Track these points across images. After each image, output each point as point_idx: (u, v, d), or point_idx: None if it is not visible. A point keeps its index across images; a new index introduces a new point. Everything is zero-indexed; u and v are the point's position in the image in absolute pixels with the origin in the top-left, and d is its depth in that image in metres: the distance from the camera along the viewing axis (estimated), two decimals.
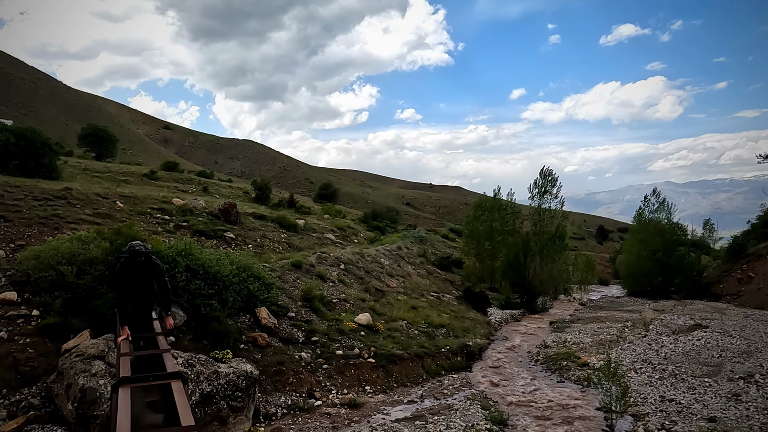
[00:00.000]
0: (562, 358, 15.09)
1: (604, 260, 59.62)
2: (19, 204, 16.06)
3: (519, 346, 17.84)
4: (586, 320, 22.50)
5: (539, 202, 30.15)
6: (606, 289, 42.26)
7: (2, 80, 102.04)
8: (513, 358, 16.12)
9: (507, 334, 19.90)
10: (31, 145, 24.93)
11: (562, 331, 19.71)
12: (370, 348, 13.43)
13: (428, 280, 25.25)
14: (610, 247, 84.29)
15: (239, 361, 10.10)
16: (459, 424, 9.88)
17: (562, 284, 32.51)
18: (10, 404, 8.60)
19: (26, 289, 10.77)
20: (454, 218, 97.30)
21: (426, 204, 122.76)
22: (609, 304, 30.07)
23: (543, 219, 29.69)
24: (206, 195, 30.16)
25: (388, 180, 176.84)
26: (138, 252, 6.47)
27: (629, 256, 36.39)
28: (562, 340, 17.64)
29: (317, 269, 17.81)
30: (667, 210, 35.23)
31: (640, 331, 18.80)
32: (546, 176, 30.39)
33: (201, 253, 12.39)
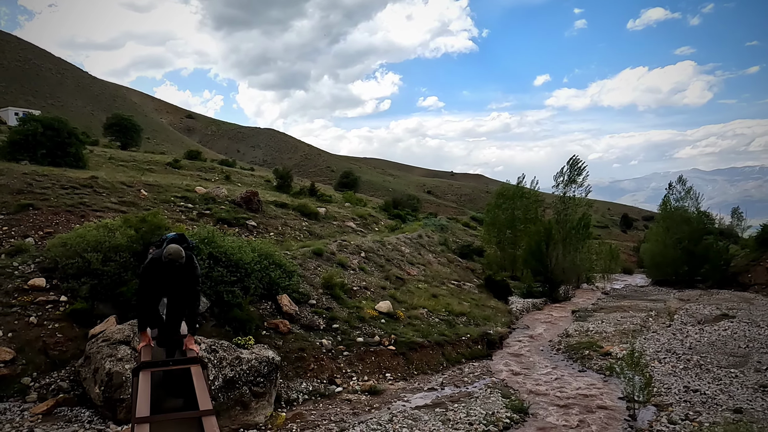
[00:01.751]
0: (584, 347, 14.97)
1: (628, 249, 58.80)
2: (47, 192, 16.40)
3: (540, 335, 17.73)
4: (609, 309, 22.25)
5: (564, 191, 29.86)
6: (630, 279, 41.68)
7: (30, 71, 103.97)
8: (534, 346, 16.03)
9: (528, 322, 19.80)
10: (58, 135, 25.39)
11: (585, 320, 19.53)
12: (391, 335, 13.47)
13: (449, 268, 25.19)
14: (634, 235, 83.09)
15: (261, 348, 10.22)
16: (479, 412, 9.88)
17: (584, 273, 32.16)
18: (40, 387, 8.85)
19: (54, 275, 11.03)
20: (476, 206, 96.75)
21: (447, 192, 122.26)
22: (633, 294, 29.68)
23: (567, 207, 29.39)
24: (228, 183, 30.44)
25: (409, 168, 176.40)
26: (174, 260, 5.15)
27: (654, 245, 35.81)
28: (585, 329, 17.49)
29: (338, 257, 17.88)
30: (694, 198, 34.55)
31: (664, 320, 18.54)
32: (573, 165, 30.05)
33: (223, 240, 12.53)
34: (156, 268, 5.31)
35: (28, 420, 7.91)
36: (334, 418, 9.48)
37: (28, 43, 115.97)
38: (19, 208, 14.91)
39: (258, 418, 9.19)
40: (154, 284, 5.37)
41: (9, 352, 9.02)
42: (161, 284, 5.38)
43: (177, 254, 5.16)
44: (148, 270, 5.42)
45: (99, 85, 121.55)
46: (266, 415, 9.33)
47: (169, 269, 5.18)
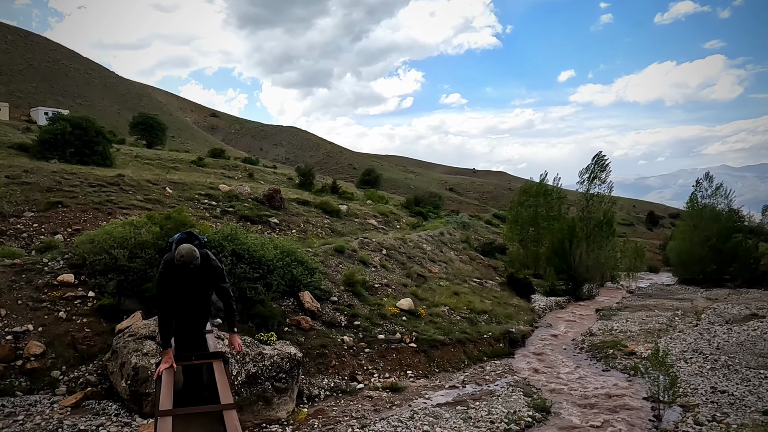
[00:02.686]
0: (608, 346, 14.78)
1: (654, 247, 57.81)
2: (75, 190, 16.77)
3: (563, 333, 17.56)
4: (634, 308, 21.92)
5: (587, 187, 29.53)
6: (656, 277, 41.00)
7: (59, 71, 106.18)
8: (557, 345, 15.88)
9: (551, 321, 19.62)
10: (86, 134, 25.92)
11: (609, 318, 19.28)
12: (412, 333, 13.47)
13: (471, 266, 25.09)
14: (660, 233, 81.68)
15: (283, 344, 10.31)
16: (501, 410, 9.83)
17: (609, 271, 31.72)
18: (69, 380, 9.07)
19: (82, 271, 11.28)
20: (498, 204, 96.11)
21: (469, 189, 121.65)
22: (658, 292, 29.20)
23: (590, 204, 29.05)
24: (251, 181, 30.74)
25: (431, 165, 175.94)
26: (188, 262, 4.58)
27: (681, 243, 35.15)
28: (609, 328, 17.26)
29: (360, 254, 17.94)
30: (723, 195, 33.84)
31: (691, 320, 18.21)
32: (598, 161, 29.71)
33: (246, 237, 12.67)
34: (171, 274, 4.71)
35: (57, 412, 8.11)
36: (355, 415, 9.52)
37: (57, 43, 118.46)
38: (49, 205, 15.28)
39: (280, 413, 9.28)
40: (173, 292, 4.75)
41: (39, 346, 9.27)
42: (182, 292, 4.77)
43: (190, 255, 4.54)
44: (162, 278, 4.80)
45: (125, 84, 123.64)
46: (288, 411, 9.42)
47: (185, 273, 4.59)
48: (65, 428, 7.50)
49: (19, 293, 10.30)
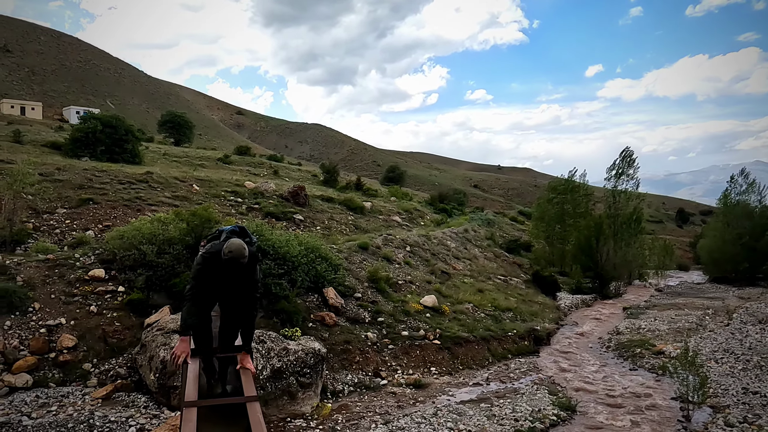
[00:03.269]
0: (636, 345, 14.55)
1: (684, 245, 56.69)
2: (105, 187, 17.15)
3: (590, 332, 17.34)
4: (663, 307, 21.52)
5: (614, 184, 29.09)
6: (685, 275, 40.21)
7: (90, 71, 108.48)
8: (583, 343, 15.70)
9: (577, 319, 19.39)
10: (116, 132, 26.46)
11: (637, 317, 18.97)
12: (436, 330, 13.45)
13: (495, 263, 24.92)
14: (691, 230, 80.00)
15: (308, 339, 10.40)
16: (525, 408, 9.76)
17: (637, 269, 31.23)
18: (100, 373, 9.30)
19: (113, 266, 11.53)
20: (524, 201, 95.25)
21: (494, 186, 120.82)
22: (688, 291, 28.60)
23: (618, 201, 28.62)
24: (276, 178, 31.02)
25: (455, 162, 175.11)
26: (236, 258, 4.25)
27: (712, 241, 34.39)
28: (636, 327, 16.99)
29: (383, 251, 17.97)
30: (757, 191, 32.99)
31: (722, 319, 17.80)
32: (625, 157, 29.25)
33: (271, 234, 12.79)
34: (212, 265, 4.42)
35: (89, 404, 8.32)
36: (379, 411, 9.56)
37: (88, 44, 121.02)
38: (81, 202, 15.66)
39: (304, 408, 9.37)
40: (209, 285, 4.48)
41: (72, 339, 9.52)
42: (216, 286, 4.49)
43: (239, 251, 4.22)
44: (203, 267, 4.50)
45: (154, 83, 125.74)
46: (312, 406, 9.51)
47: (228, 269, 4.29)
48: (96, 419, 7.69)
49: (53, 288, 10.58)
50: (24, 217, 13.89)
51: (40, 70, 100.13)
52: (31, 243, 13.04)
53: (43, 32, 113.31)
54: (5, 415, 7.62)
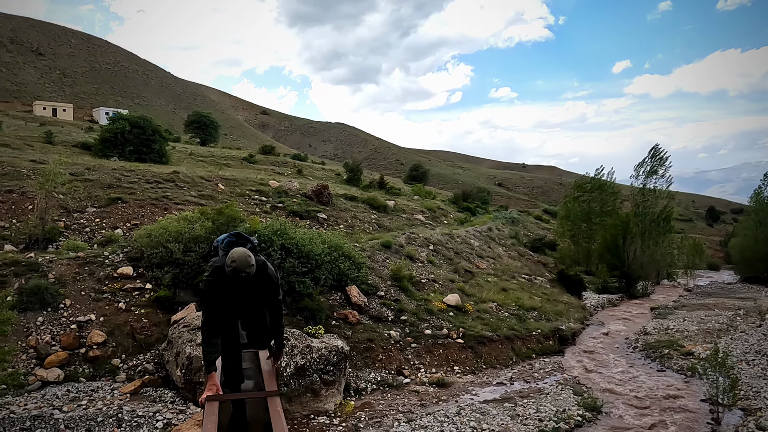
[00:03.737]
0: (664, 345, 14.27)
1: (715, 244, 55.45)
2: (133, 187, 17.48)
3: (616, 332, 17.07)
4: (692, 307, 21.07)
5: (644, 182, 28.57)
6: (716, 275, 39.31)
7: (119, 73, 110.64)
8: (609, 344, 15.46)
9: (603, 319, 19.10)
10: (144, 132, 26.94)
11: (665, 317, 18.61)
12: (459, 329, 13.40)
13: (519, 262, 24.71)
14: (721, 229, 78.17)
15: (331, 337, 10.46)
16: (549, 408, 9.67)
17: (665, 268, 30.63)
18: (128, 368, 9.49)
19: (140, 264, 11.76)
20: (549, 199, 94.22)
21: (518, 184, 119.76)
22: (719, 291, 27.96)
23: (646, 199, 28.10)
24: (300, 177, 31.24)
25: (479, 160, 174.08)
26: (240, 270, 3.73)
27: (744, 239, 33.55)
28: (664, 327, 16.67)
29: (406, 249, 17.96)
30: None
31: (754, 320, 17.36)
32: (655, 155, 28.68)
33: (295, 232, 12.88)
34: (220, 284, 3.90)
35: (117, 398, 8.50)
36: (401, 409, 9.57)
37: (117, 46, 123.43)
38: (110, 201, 16.00)
39: (328, 405, 9.43)
40: (222, 304, 3.96)
41: (101, 335, 9.74)
42: (232, 306, 4.01)
43: (243, 261, 3.73)
44: (209, 289, 4.02)
45: (181, 84, 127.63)
46: (336, 403, 9.56)
47: (238, 283, 3.80)
48: (125, 414, 7.86)
49: (83, 284, 10.84)
50: (55, 215, 14.25)
51: (71, 73, 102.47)
52: (62, 241, 13.38)
53: (73, 35, 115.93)
54: (38, 408, 7.83)
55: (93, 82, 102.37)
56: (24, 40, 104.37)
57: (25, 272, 10.63)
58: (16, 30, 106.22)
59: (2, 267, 10.66)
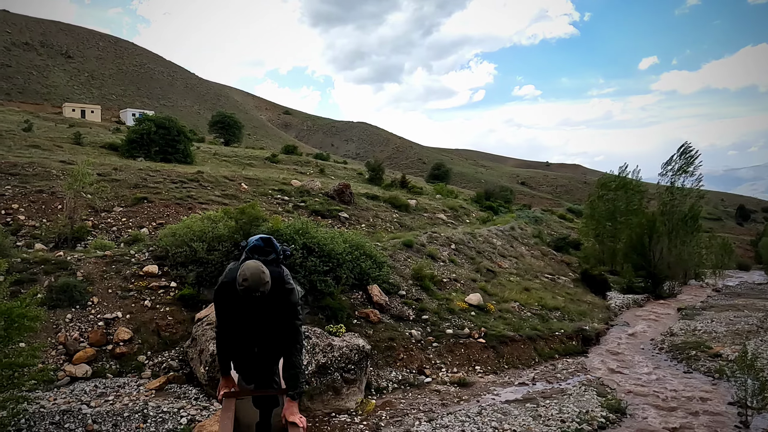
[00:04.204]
0: (691, 347, 14.00)
1: (745, 243, 54.22)
2: (159, 186, 17.78)
3: (641, 332, 16.81)
4: (721, 308, 20.63)
5: (672, 180, 28.07)
6: (746, 275, 38.44)
7: (145, 75, 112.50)
8: (634, 344, 15.23)
9: (628, 319, 18.82)
10: (169, 133, 27.37)
11: (692, 318, 18.26)
12: (481, 328, 13.33)
13: (542, 261, 24.48)
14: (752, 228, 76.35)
15: (352, 336, 10.50)
16: (572, 409, 9.56)
17: (693, 268, 30.07)
18: (153, 365, 9.66)
19: (165, 262, 11.96)
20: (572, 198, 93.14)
21: (542, 183, 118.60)
22: (749, 291, 27.33)
23: (674, 198, 27.60)
24: (322, 176, 31.39)
25: (502, 159, 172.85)
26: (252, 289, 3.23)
27: None
28: (691, 328, 16.36)
29: (428, 249, 17.93)
30: None
31: None
32: (684, 153, 28.16)
33: (316, 231, 12.96)
34: (230, 298, 3.45)
35: (143, 394, 8.66)
36: (423, 408, 9.56)
37: (143, 48, 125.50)
38: (136, 201, 16.30)
39: (349, 403, 9.47)
40: (232, 318, 3.56)
41: (127, 332, 9.93)
42: (242, 318, 3.53)
43: (256, 279, 3.23)
44: (219, 302, 3.61)
45: (205, 85, 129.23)
46: (357, 402, 9.59)
47: (250, 301, 3.31)
48: (150, 410, 8.00)
49: (110, 283, 11.06)
50: (84, 215, 14.57)
51: (99, 75, 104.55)
52: (90, 240, 13.68)
53: (101, 38, 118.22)
54: (67, 403, 8.02)
55: (120, 84, 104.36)
56: (54, 44, 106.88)
57: (55, 270, 10.89)
58: (47, 34, 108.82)
59: (33, 265, 10.94)
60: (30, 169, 17.51)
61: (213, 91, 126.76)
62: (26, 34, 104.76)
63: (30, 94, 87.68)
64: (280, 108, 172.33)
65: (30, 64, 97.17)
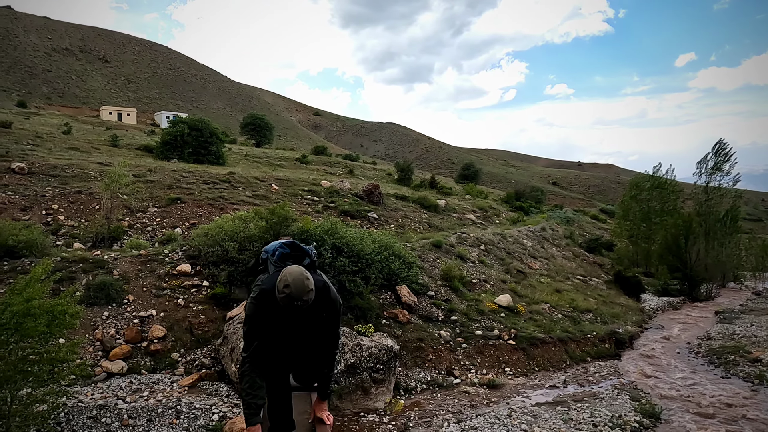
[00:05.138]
0: (729, 351, 13.59)
1: None
2: (192, 187, 18.12)
3: (677, 336, 16.38)
4: (761, 311, 19.96)
5: (707, 180, 27.32)
6: None
7: (179, 78, 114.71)
8: (669, 348, 14.86)
9: (663, 322, 18.37)
10: (201, 135, 27.85)
11: (730, 322, 17.71)
12: (511, 330, 13.20)
13: (574, 262, 24.10)
14: None
15: (381, 336, 10.52)
16: (604, 413, 9.38)
17: (731, 270, 29.16)
18: (186, 362, 9.86)
19: (198, 262, 12.20)
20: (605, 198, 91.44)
21: (574, 183, 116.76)
22: None
23: (709, 198, 26.86)
24: (352, 177, 31.51)
25: (533, 159, 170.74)
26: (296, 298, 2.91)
27: None
28: (730, 332, 15.87)
29: (457, 249, 17.84)
30: None
31: None
32: (719, 151, 27.40)
33: (346, 232, 13.02)
34: (269, 310, 3.10)
35: (176, 391, 8.85)
36: (451, 409, 9.52)
37: (177, 52, 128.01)
38: (169, 201, 16.65)
39: (378, 403, 9.50)
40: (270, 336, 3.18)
41: (161, 329, 10.16)
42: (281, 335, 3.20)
43: (300, 287, 2.91)
44: (255, 316, 3.18)
45: (237, 87, 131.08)
46: (385, 402, 9.61)
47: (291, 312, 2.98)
48: (183, 406, 8.17)
49: (145, 281, 11.33)
50: (120, 215, 14.96)
51: (135, 78, 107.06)
52: (125, 239, 14.05)
53: (137, 43, 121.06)
54: (104, 398, 8.24)
55: (155, 87, 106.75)
56: (92, 49, 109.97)
57: (92, 269, 11.21)
58: (85, 39, 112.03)
59: (72, 264, 11.28)
60: (69, 171, 18.06)
61: (244, 93, 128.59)
62: (66, 40, 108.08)
63: (69, 98, 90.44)
64: (310, 109, 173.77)
65: (69, 69, 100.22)
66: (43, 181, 16.72)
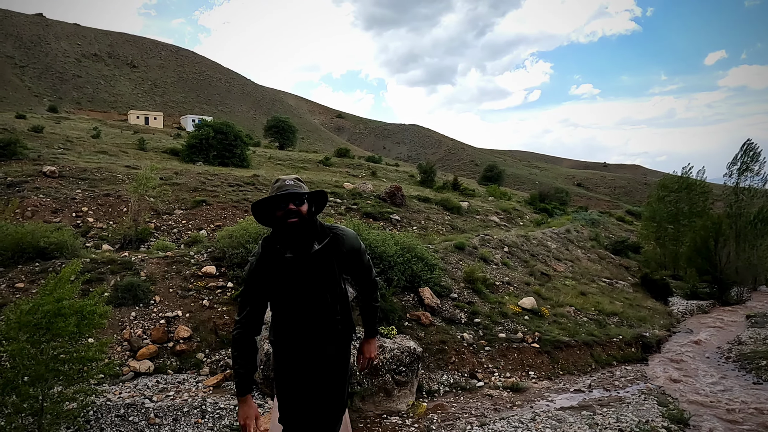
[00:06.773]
0: (762, 356, 13.25)
1: None
2: (216, 190, 18.36)
3: (706, 340, 16.03)
4: None
5: (737, 181, 26.74)
6: None
7: (204, 82, 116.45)
8: (698, 353, 14.55)
9: (692, 326, 17.99)
10: (226, 138, 28.23)
11: (763, 326, 17.26)
12: (535, 333, 13.07)
13: (600, 265, 23.76)
14: None
15: (403, 338, 10.51)
16: (631, 418, 9.23)
17: (764, 274, 28.42)
18: (211, 362, 9.99)
19: (222, 263, 12.34)
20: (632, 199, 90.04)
21: (599, 185, 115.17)
22: None
23: (739, 199, 26.25)
24: (374, 179, 31.58)
25: (557, 160, 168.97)
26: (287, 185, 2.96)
27: None
28: (762, 337, 15.47)
29: (480, 251, 17.73)
30: None
31: None
32: (747, 151, 26.81)
33: (368, 233, 13.06)
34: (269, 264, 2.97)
35: (201, 391, 8.97)
36: (474, 413, 9.46)
37: (202, 57, 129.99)
38: (195, 203, 16.90)
39: (400, 405, 9.49)
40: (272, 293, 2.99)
41: (187, 330, 10.31)
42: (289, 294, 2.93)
43: (288, 182, 2.88)
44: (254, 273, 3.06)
45: (261, 91, 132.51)
46: (408, 404, 9.60)
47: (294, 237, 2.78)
48: (208, 405, 8.28)
49: (171, 282, 11.51)
50: (147, 217, 15.24)
51: (161, 83, 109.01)
52: (152, 241, 14.30)
53: (163, 48, 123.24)
54: (131, 397, 8.40)
55: (181, 91, 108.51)
56: (120, 54, 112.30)
57: (120, 270, 11.44)
58: (113, 45, 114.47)
59: (100, 265, 11.53)
60: (98, 174, 18.46)
61: (268, 97, 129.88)
62: (95, 46, 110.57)
63: (98, 102, 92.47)
64: (333, 112, 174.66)
65: (98, 74, 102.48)
66: (73, 184, 17.12)
